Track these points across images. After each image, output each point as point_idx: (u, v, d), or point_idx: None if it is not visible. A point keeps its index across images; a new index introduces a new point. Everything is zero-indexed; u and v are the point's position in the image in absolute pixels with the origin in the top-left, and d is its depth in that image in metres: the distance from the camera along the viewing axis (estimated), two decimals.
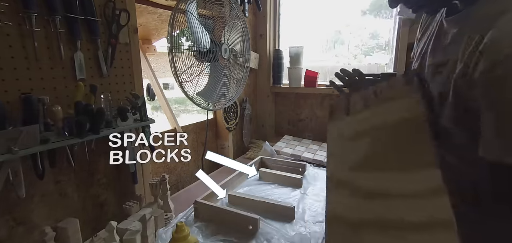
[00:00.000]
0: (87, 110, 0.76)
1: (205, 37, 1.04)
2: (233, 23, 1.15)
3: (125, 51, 0.94)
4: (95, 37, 0.84)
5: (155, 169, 1.27)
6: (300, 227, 0.87)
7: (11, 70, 0.69)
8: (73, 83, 0.81)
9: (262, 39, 1.84)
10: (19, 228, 0.76)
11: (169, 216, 0.92)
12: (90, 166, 0.91)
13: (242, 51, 1.24)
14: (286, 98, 1.96)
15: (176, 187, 1.40)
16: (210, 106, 1.16)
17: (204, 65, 1.08)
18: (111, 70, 0.90)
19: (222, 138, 1.65)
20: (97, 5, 0.84)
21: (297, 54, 1.78)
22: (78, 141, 0.74)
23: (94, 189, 0.93)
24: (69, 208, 0.87)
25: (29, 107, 0.69)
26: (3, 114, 0.64)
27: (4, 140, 0.62)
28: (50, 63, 0.76)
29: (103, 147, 0.92)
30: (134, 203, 0.89)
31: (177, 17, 0.93)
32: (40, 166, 0.73)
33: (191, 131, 1.48)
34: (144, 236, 0.78)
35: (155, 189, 0.93)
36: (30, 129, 0.65)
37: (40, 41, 0.73)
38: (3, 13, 0.66)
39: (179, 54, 0.97)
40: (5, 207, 0.73)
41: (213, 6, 1.06)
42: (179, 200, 1.08)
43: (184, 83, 1.00)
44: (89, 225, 0.93)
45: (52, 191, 0.82)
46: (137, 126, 0.90)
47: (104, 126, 0.81)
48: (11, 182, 0.69)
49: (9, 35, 0.68)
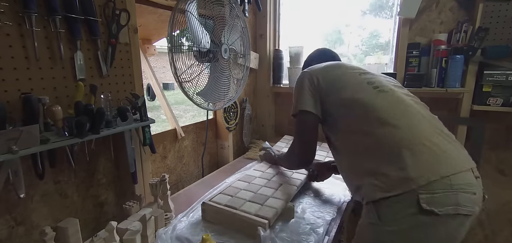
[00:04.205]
0: (87, 110, 0.76)
1: (205, 37, 1.04)
2: (233, 23, 1.15)
3: (125, 51, 0.94)
4: (95, 37, 0.84)
5: (155, 169, 1.27)
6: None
7: (11, 70, 0.69)
8: (73, 83, 0.81)
9: (262, 39, 1.84)
10: (19, 228, 0.76)
11: (169, 216, 0.92)
12: (90, 166, 0.91)
13: (242, 51, 1.24)
14: (286, 98, 1.95)
15: (176, 187, 1.40)
16: (210, 106, 1.16)
17: (204, 65, 1.07)
18: (111, 70, 0.90)
19: (222, 138, 1.65)
20: (97, 5, 0.84)
21: (297, 54, 1.78)
22: (78, 141, 0.74)
23: (94, 189, 0.93)
24: (69, 208, 0.87)
25: (29, 107, 0.69)
26: (3, 114, 0.64)
27: (4, 140, 0.62)
28: (50, 63, 0.76)
29: (103, 147, 0.92)
30: (134, 203, 0.89)
31: (177, 17, 0.93)
32: (40, 166, 0.73)
33: (191, 131, 1.48)
34: (144, 236, 0.78)
35: (155, 189, 0.93)
36: (30, 129, 0.65)
37: (40, 41, 0.73)
38: (3, 13, 0.66)
39: (179, 54, 0.97)
40: (5, 207, 0.73)
41: (213, 6, 1.06)
42: (179, 200, 1.08)
43: (184, 83, 1.00)
44: (89, 225, 0.93)
45: (52, 191, 0.82)
46: (137, 126, 0.90)
47: (104, 126, 0.81)
48: (11, 182, 0.69)
49: (9, 35, 0.68)
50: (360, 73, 0.89)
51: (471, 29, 1.37)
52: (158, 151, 1.27)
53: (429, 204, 0.62)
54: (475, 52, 1.35)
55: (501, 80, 1.32)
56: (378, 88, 0.82)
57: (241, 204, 0.91)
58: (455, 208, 0.63)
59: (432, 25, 1.50)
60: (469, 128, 1.46)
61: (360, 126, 0.78)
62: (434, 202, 0.62)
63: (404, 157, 0.67)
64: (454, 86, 1.41)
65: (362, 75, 0.89)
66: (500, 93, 1.35)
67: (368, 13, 1.95)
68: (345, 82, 0.87)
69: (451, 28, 1.46)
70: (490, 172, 1.52)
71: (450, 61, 1.40)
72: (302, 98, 0.89)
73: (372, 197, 0.70)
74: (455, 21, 1.45)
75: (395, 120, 0.73)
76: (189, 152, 1.47)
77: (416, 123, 0.74)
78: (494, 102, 1.36)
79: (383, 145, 0.72)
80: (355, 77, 0.88)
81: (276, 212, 0.89)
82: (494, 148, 1.51)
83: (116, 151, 0.93)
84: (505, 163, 1.51)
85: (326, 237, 0.85)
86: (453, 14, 1.46)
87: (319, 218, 0.94)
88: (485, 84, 1.36)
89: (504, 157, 1.50)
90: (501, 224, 1.49)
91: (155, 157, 1.26)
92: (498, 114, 1.40)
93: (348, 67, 0.95)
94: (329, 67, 0.95)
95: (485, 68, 1.35)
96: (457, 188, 0.64)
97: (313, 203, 1.04)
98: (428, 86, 1.48)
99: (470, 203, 0.65)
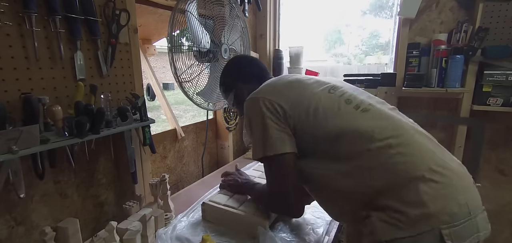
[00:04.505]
0: (87, 110, 0.76)
1: (205, 37, 1.04)
2: (233, 23, 1.15)
3: (125, 51, 0.94)
4: (95, 37, 0.84)
5: (155, 169, 1.27)
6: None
7: (11, 70, 0.69)
8: (73, 83, 0.81)
9: (262, 39, 1.84)
10: (19, 228, 0.76)
11: (169, 216, 0.92)
12: (90, 166, 0.91)
13: (242, 51, 1.24)
14: None
15: (176, 187, 1.40)
16: (210, 106, 1.16)
17: (204, 65, 1.08)
18: (111, 70, 0.90)
19: (222, 138, 1.65)
20: (97, 5, 0.84)
21: (297, 54, 1.78)
22: (78, 141, 0.74)
23: (94, 189, 0.93)
24: (69, 208, 0.87)
25: (29, 107, 0.69)
26: (3, 114, 0.64)
27: (4, 140, 0.62)
28: (50, 63, 0.76)
29: (103, 147, 0.92)
30: (134, 203, 0.89)
31: (177, 17, 0.93)
32: (40, 166, 0.73)
33: (191, 131, 1.48)
34: (144, 236, 0.78)
35: (155, 189, 0.93)
36: (30, 129, 0.65)
37: (40, 41, 0.73)
38: (3, 13, 0.66)
39: (179, 54, 0.97)
40: (5, 207, 0.73)
41: (213, 6, 1.06)
42: (179, 200, 1.08)
43: (184, 83, 1.00)
44: (89, 225, 0.93)
45: (52, 191, 0.82)
46: (137, 126, 0.90)
47: (104, 125, 0.81)
48: (11, 182, 0.69)
49: (9, 35, 0.68)
50: (329, 90, 0.74)
51: (471, 29, 1.37)
52: (158, 151, 1.27)
53: (453, 239, 0.56)
54: (475, 52, 1.35)
55: (501, 80, 1.32)
56: (360, 107, 0.70)
57: (241, 203, 0.91)
58: (477, 236, 0.58)
59: (432, 25, 1.50)
60: (469, 128, 1.46)
61: (351, 157, 0.65)
62: (458, 235, 0.56)
63: (420, 190, 0.58)
64: (454, 86, 1.41)
65: (332, 92, 0.74)
66: (500, 93, 1.35)
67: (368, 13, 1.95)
68: (319, 107, 0.70)
69: (451, 28, 1.46)
70: (490, 172, 1.52)
71: (450, 61, 1.40)
72: (270, 138, 0.70)
73: (388, 235, 0.59)
74: (455, 21, 1.45)
75: (398, 147, 0.62)
76: (189, 152, 1.47)
77: (417, 143, 0.64)
78: (494, 102, 1.36)
79: (389, 174, 0.61)
80: (328, 97, 0.72)
81: None
82: (494, 148, 1.51)
83: (116, 151, 0.93)
84: (505, 163, 1.51)
85: (326, 237, 0.85)
86: (453, 14, 1.46)
87: (319, 218, 0.94)
88: (485, 84, 1.36)
89: (504, 157, 1.50)
90: (501, 225, 1.48)
91: (155, 157, 1.26)
92: (498, 114, 1.40)
93: (310, 83, 0.78)
94: (287, 86, 0.77)
95: (485, 68, 1.35)
96: (475, 212, 0.59)
97: (313, 203, 1.03)
98: (428, 86, 1.48)
99: (485, 223, 0.61)
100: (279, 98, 0.73)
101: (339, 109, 0.70)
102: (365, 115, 0.68)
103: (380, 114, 0.69)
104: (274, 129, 0.70)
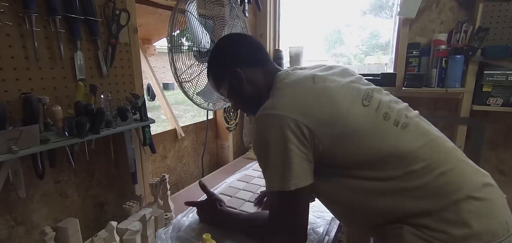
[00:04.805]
0: (87, 110, 0.76)
1: (205, 37, 1.04)
2: (233, 23, 1.15)
3: (125, 51, 0.94)
4: (95, 37, 0.84)
5: (155, 169, 1.27)
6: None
7: (11, 70, 0.69)
8: (73, 83, 0.81)
9: (262, 39, 1.84)
10: (19, 228, 0.76)
11: (169, 216, 0.92)
12: (90, 166, 0.91)
13: None
14: None
15: (176, 187, 1.40)
16: (210, 106, 1.16)
17: (204, 65, 1.07)
18: (111, 70, 0.90)
19: (222, 138, 1.65)
20: (97, 5, 0.84)
21: (297, 54, 1.78)
22: (78, 141, 0.74)
23: (94, 189, 0.93)
24: (69, 208, 0.87)
25: (29, 107, 0.69)
26: (3, 114, 0.64)
27: (4, 140, 0.62)
28: (50, 63, 0.76)
29: (103, 147, 0.92)
30: (134, 203, 0.89)
31: (177, 17, 0.93)
32: (40, 166, 0.73)
33: (191, 131, 1.48)
34: (144, 236, 0.78)
35: (155, 189, 0.93)
36: (30, 129, 0.65)
37: (40, 41, 0.73)
38: (3, 13, 0.66)
39: (179, 54, 0.97)
40: (5, 207, 0.73)
41: (213, 6, 1.06)
42: (179, 200, 1.08)
43: (184, 83, 1.00)
44: (89, 225, 0.93)
45: (52, 191, 0.82)
46: (137, 126, 0.90)
47: (104, 125, 0.81)
48: (11, 182, 0.69)
49: (9, 35, 0.68)
50: (362, 100, 0.64)
51: (471, 29, 1.37)
52: (158, 151, 1.27)
53: None
54: (475, 52, 1.35)
55: (501, 80, 1.32)
56: (400, 123, 0.62)
57: (240, 204, 0.91)
58: None
59: (432, 25, 1.50)
60: (469, 128, 1.46)
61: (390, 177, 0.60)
62: None
63: (463, 209, 0.56)
64: (454, 86, 1.41)
65: (366, 104, 0.64)
66: (500, 93, 1.35)
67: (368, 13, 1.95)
68: (355, 128, 0.60)
69: (451, 28, 1.46)
70: (490, 172, 1.50)
71: (450, 61, 1.40)
72: (292, 168, 0.59)
73: None
74: (455, 21, 1.45)
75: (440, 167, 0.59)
76: (189, 152, 1.47)
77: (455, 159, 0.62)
78: (494, 102, 1.36)
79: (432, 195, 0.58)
80: (364, 114, 0.62)
81: None
82: (494, 148, 1.51)
83: (116, 151, 0.93)
84: (505, 163, 1.51)
85: (326, 237, 0.85)
86: (453, 14, 1.46)
87: (319, 218, 0.94)
88: (485, 84, 1.36)
89: (504, 157, 1.50)
90: None
91: (155, 157, 1.26)
92: (498, 114, 1.40)
93: (338, 89, 0.65)
94: (314, 98, 0.63)
95: (485, 68, 1.35)
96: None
97: (313, 203, 1.03)
98: (428, 86, 1.48)
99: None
100: (306, 117, 0.60)
101: (377, 128, 0.61)
102: (405, 134, 0.62)
103: (419, 129, 0.64)
104: (298, 156, 0.59)
